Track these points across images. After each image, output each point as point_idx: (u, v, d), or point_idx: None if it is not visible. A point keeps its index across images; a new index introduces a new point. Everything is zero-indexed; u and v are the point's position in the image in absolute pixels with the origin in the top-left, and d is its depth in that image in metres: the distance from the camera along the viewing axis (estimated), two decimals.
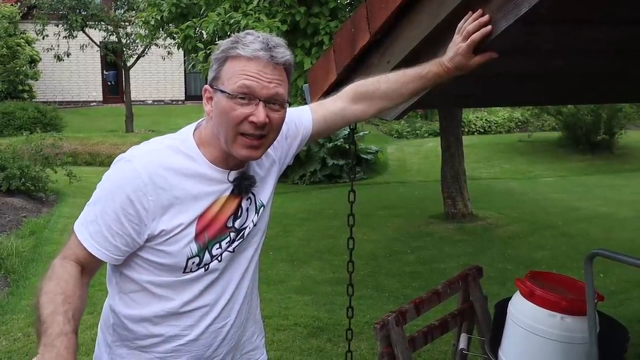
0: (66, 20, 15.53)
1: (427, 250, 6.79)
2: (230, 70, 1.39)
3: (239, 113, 1.38)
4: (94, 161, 12.64)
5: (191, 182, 1.42)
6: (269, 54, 1.38)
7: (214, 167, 1.45)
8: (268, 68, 1.38)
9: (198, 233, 1.43)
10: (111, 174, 1.42)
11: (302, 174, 11.40)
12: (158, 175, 1.39)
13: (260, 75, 1.37)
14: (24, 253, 6.05)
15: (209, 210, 1.45)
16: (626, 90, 3.29)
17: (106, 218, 1.38)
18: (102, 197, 1.40)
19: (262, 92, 1.37)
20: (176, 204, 1.40)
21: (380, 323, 2.49)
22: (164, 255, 1.42)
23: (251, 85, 1.37)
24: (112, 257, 1.41)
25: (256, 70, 1.37)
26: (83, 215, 1.43)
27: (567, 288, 2.32)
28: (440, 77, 1.63)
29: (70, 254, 1.41)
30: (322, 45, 5.75)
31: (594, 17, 1.67)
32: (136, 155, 1.42)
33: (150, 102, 21.34)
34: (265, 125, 1.39)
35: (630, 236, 7.26)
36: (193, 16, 7.00)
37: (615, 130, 13.68)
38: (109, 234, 1.38)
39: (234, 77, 1.38)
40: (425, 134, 16.60)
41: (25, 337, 4.25)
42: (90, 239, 1.39)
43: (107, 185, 1.41)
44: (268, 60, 1.38)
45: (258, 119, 1.37)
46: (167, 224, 1.40)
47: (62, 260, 1.39)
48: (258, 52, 1.37)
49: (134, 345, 1.51)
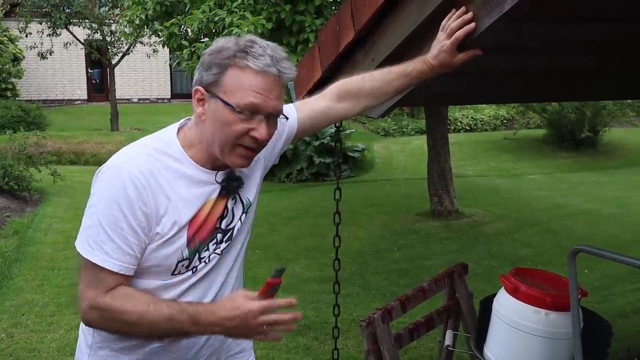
0: (50, 18, 15.37)
1: (414, 247, 6.82)
2: (235, 81, 1.35)
3: (242, 128, 1.36)
4: (79, 160, 12.51)
5: (181, 184, 1.41)
6: (277, 70, 1.36)
7: (201, 169, 1.44)
8: (275, 85, 1.37)
9: (190, 236, 1.42)
10: (108, 186, 1.36)
11: (288, 172, 11.38)
12: (152, 178, 1.37)
13: (269, 93, 1.36)
14: (7, 253, 5.99)
15: (200, 213, 1.43)
16: (610, 88, 3.32)
17: (121, 232, 1.34)
18: (108, 212, 1.34)
19: (267, 109, 1.37)
20: (170, 206, 1.38)
21: (367, 320, 2.50)
22: (156, 259, 1.40)
23: (259, 104, 1.35)
24: (134, 268, 1.38)
25: (265, 87, 1.35)
26: (91, 238, 1.35)
27: (552, 284, 2.34)
28: (424, 75, 1.63)
29: (99, 288, 1.35)
30: (307, 43, 5.75)
31: (578, 14, 1.68)
32: (123, 161, 1.39)
33: (135, 100, 21.19)
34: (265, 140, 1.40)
35: (614, 232, 7.34)
36: (178, 14, 6.97)
37: (600, 127, 13.82)
38: (127, 247, 1.35)
39: (241, 92, 1.34)
40: (411, 131, 16.66)
41: (9, 337, 4.20)
42: (110, 258, 1.34)
43: (110, 198, 1.35)
44: (276, 75, 1.36)
45: (261, 136, 1.36)
46: (163, 227, 1.38)
47: (102, 297, 1.35)
48: (268, 68, 1.35)
49: (116, 347, 1.49)
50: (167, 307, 1.35)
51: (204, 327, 1.36)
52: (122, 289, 1.37)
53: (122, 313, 1.35)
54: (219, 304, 1.37)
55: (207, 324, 1.35)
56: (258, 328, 1.34)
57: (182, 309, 1.35)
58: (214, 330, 1.38)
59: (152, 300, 1.37)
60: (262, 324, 1.33)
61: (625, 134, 15.11)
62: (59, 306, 4.79)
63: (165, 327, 1.36)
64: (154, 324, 1.35)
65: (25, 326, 4.40)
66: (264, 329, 1.34)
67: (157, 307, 1.35)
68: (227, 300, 1.36)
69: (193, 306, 1.37)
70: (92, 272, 1.37)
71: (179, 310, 1.35)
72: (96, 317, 1.38)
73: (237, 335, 1.38)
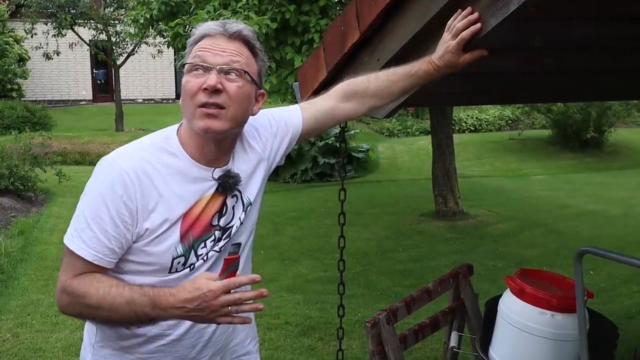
0: (55, 19, 15.43)
1: (418, 248, 6.81)
2: (188, 51, 1.43)
3: (193, 84, 1.38)
4: (84, 160, 12.55)
5: (175, 180, 1.41)
6: (222, 28, 1.42)
7: (197, 164, 1.44)
8: (221, 39, 1.41)
9: (183, 232, 1.42)
10: (98, 178, 1.39)
11: (293, 172, 11.39)
12: (144, 174, 1.38)
13: (213, 46, 1.40)
14: (13, 253, 6.01)
15: (193, 209, 1.43)
16: (615, 88, 3.30)
17: (100, 223, 1.35)
18: (92, 202, 1.37)
19: (214, 59, 1.38)
20: (161, 202, 1.39)
21: (372, 321, 2.49)
22: (150, 256, 1.40)
23: (203, 55, 1.39)
24: (110, 261, 1.39)
25: (209, 42, 1.40)
26: (72, 226, 1.39)
27: (557, 285, 2.33)
28: (430, 75, 1.63)
29: (69, 272, 1.38)
30: (312, 43, 5.75)
31: (583, 15, 1.67)
32: (119, 155, 1.41)
33: (140, 100, 21.24)
34: (221, 93, 1.37)
35: (619, 233, 7.31)
36: (182, 14, 6.98)
37: (605, 128, 13.78)
38: (105, 238, 1.36)
39: (190, 54, 1.42)
40: (416, 132, 16.63)
41: (15, 337, 4.21)
42: (86, 247, 1.36)
43: (96, 189, 1.38)
44: (221, 33, 1.41)
45: (208, 84, 1.36)
46: (153, 223, 1.38)
47: (70, 280, 1.37)
48: (211, 28, 1.42)
49: (117, 346, 1.49)
50: (129, 291, 1.34)
51: (165, 310, 1.32)
52: (92, 274, 1.37)
53: (84, 296, 1.35)
54: (180, 286, 1.33)
55: (168, 306, 1.31)
56: (221, 309, 1.29)
57: (143, 292, 1.33)
58: (174, 314, 1.33)
59: (116, 284, 1.36)
60: (224, 304, 1.29)
61: (631, 134, 15.06)
62: None
63: (125, 311, 1.34)
64: (114, 307, 1.34)
65: (30, 326, 4.41)
66: (228, 310, 1.30)
67: (119, 291, 1.34)
68: (188, 283, 1.33)
69: (155, 290, 1.34)
70: (69, 258, 1.39)
71: (140, 294, 1.33)
72: (66, 303, 1.39)
73: (201, 318, 1.33)
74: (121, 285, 1.35)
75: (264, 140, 1.59)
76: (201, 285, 1.29)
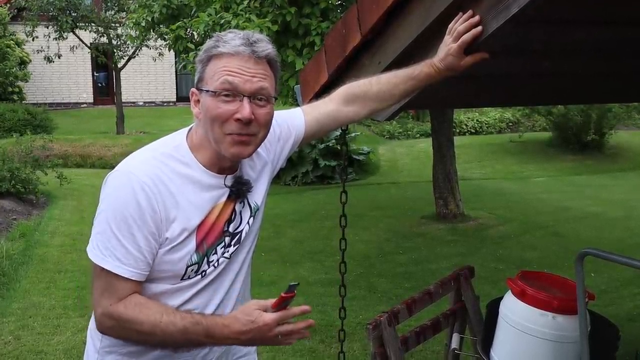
0: (56, 22, 15.41)
1: (419, 250, 6.80)
2: (212, 69, 1.37)
3: (224, 111, 1.35)
4: (85, 163, 12.55)
5: (189, 189, 1.41)
6: (250, 49, 1.36)
7: (209, 173, 1.43)
8: (250, 62, 1.36)
9: (199, 241, 1.42)
10: (117, 192, 1.37)
11: (294, 175, 11.38)
12: (161, 183, 1.37)
13: (243, 70, 1.35)
14: (14, 256, 6.01)
15: (208, 217, 1.43)
16: (615, 90, 3.31)
17: (131, 238, 1.34)
18: (117, 218, 1.35)
19: (245, 86, 1.35)
20: (179, 212, 1.38)
21: (373, 323, 2.50)
22: (165, 264, 1.40)
23: (233, 81, 1.35)
24: (145, 274, 1.39)
25: (238, 65, 1.35)
26: (102, 245, 1.36)
27: (559, 287, 2.33)
28: (431, 78, 1.63)
29: (111, 295, 1.36)
30: (313, 46, 5.75)
31: (584, 18, 1.68)
32: (132, 167, 1.39)
33: (141, 103, 21.24)
34: (252, 122, 1.37)
35: (620, 235, 7.31)
36: (184, 17, 6.99)
37: (605, 130, 13.76)
38: (139, 252, 1.35)
39: (216, 75, 1.36)
40: (416, 134, 16.62)
41: (16, 340, 4.22)
42: (122, 264, 1.35)
43: (118, 205, 1.35)
44: (250, 54, 1.36)
45: (243, 115, 1.34)
46: (172, 233, 1.38)
47: (115, 305, 1.36)
48: (239, 48, 1.35)
49: (123, 351, 1.48)
50: (181, 319, 1.35)
51: (219, 340, 1.38)
52: (135, 297, 1.38)
53: (135, 323, 1.36)
54: (233, 317, 1.36)
55: (222, 337, 1.36)
56: (273, 339, 1.36)
57: (196, 321, 1.35)
58: (228, 343, 1.41)
59: (165, 311, 1.37)
60: (277, 335, 1.35)
61: (631, 136, 15.04)
62: (66, 309, 4.80)
63: (179, 339, 1.37)
64: (167, 335, 1.36)
65: (32, 329, 4.42)
66: (279, 339, 1.36)
67: (170, 319, 1.35)
68: (241, 314, 1.35)
69: (207, 319, 1.37)
70: (104, 279, 1.37)
71: (193, 323, 1.35)
72: (110, 326, 1.39)
73: (251, 344, 1.44)
74: (171, 313, 1.37)
75: (267, 144, 1.59)
76: (256, 319, 1.33)
